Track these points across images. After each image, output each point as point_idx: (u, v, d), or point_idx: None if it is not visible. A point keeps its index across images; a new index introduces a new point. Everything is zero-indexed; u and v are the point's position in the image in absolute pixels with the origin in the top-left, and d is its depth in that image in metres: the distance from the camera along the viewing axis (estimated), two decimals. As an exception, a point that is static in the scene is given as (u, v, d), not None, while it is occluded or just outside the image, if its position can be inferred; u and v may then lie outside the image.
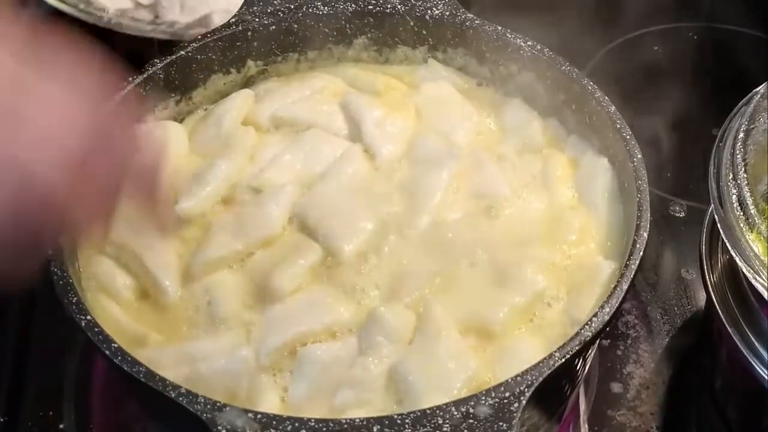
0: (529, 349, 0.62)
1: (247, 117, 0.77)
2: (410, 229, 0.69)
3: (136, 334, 0.64)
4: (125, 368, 0.57)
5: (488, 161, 0.74)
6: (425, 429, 0.54)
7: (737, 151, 0.68)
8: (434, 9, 0.80)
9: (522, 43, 0.78)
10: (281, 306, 0.65)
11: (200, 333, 0.64)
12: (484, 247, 0.67)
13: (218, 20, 0.89)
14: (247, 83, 0.81)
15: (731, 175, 0.67)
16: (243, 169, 0.72)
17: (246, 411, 0.55)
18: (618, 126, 0.72)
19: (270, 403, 0.60)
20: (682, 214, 0.93)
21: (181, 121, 0.79)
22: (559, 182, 0.73)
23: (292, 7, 0.80)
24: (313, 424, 0.54)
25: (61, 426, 0.75)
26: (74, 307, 0.60)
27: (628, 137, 0.71)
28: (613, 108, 0.73)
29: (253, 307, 0.65)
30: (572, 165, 0.75)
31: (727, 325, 0.68)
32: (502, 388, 0.56)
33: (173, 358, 0.62)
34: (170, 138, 0.75)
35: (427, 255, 0.67)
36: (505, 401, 0.55)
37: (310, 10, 0.80)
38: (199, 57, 0.78)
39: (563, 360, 0.57)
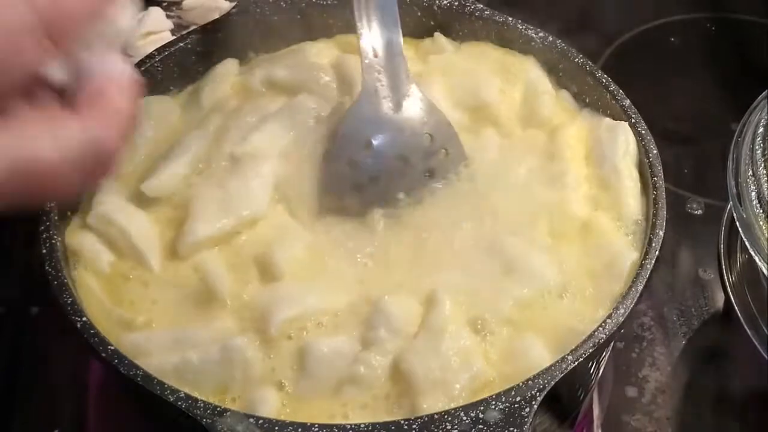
0: (536, 347, 0.61)
1: (239, 84, 0.75)
2: (406, 202, 0.67)
3: (123, 318, 0.62)
4: (122, 371, 0.56)
5: (492, 136, 0.71)
6: (433, 435, 0.52)
7: (757, 147, 0.68)
8: (443, -1, 0.79)
9: (533, 35, 0.76)
10: (277, 287, 0.63)
11: (190, 317, 0.62)
12: (489, 225, 0.65)
13: None
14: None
15: (750, 172, 0.67)
16: (220, 141, 0.70)
17: (247, 416, 0.53)
18: (633, 121, 0.70)
19: (267, 400, 0.58)
20: (700, 212, 0.92)
21: None
22: (569, 153, 0.70)
23: (296, -4, 0.79)
24: (316, 429, 0.53)
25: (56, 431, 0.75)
26: (69, 308, 0.59)
27: (643, 132, 0.70)
28: (627, 102, 0.72)
29: (246, 288, 0.63)
30: (586, 135, 0.72)
31: (746, 327, 0.68)
32: (513, 392, 0.54)
33: (161, 344, 0.60)
34: (159, 111, 0.73)
35: (427, 232, 0.65)
36: (516, 406, 0.54)
37: (315, -1, 0.79)
38: (198, 49, 0.77)
39: (576, 363, 0.56)
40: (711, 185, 0.92)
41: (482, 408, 0.54)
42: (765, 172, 0.66)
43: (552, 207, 0.67)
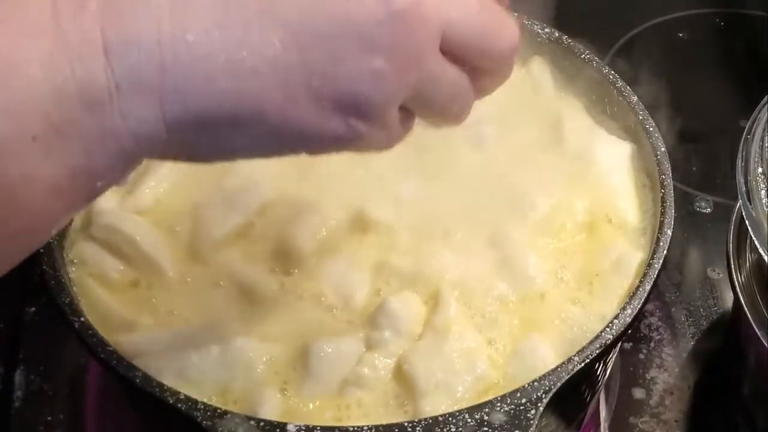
0: (542, 348, 0.60)
1: None
2: (408, 192, 0.66)
3: (125, 319, 0.61)
4: (121, 372, 0.55)
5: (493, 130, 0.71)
6: (438, 437, 0.52)
7: (766, 144, 0.66)
8: (446, -6, 0.78)
9: (539, 30, 0.76)
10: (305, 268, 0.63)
11: (202, 317, 0.62)
12: (490, 215, 0.65)
13: None
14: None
15: (760, 169, 0.65)
16: None
17: (248, 418, 0.53)
18: (640, 117, 0.70)
19: (269, 402, 0.57)
20: (708, 210, 0.91)
21: None
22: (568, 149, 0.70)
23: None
24: (318, 431, 0.52)
25: (55, 432, 0.75)
26: (67, 308, 0.58)
27: (651, 129, 0.69)
28: (635, 98, 0.71)
29: (268, 278, 0.63)
30: (586, 136, 0.71)
31: (755, 327, 0.66)
32: (518, 394, 0.54)
33: (161, 344, 0.59)
34: None
35: (427, 224, 0.65)
36: (522, 408, 0.53)
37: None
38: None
39: (583, 364, 0.55)
40: (720, 183, 0.92)
41: (487, 410, 0.53)
42: (775, 169, 0.65)
43: (553, 203, 0.67)
